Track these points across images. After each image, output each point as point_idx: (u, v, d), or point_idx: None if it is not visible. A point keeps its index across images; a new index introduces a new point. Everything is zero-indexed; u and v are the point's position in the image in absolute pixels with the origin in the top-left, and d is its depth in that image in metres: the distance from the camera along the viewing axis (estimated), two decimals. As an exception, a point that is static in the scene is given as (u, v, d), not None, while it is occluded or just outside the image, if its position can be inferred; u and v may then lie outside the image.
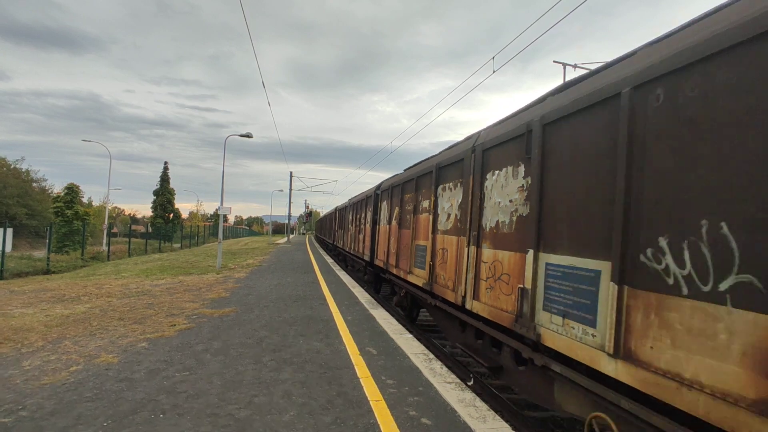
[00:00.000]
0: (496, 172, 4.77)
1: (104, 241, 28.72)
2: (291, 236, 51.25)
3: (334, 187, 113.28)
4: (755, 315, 2.02)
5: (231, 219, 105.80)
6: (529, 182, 4.02)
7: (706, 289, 2.27)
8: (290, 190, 42.01)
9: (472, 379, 5.57)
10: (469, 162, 5.41)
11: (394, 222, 9.48)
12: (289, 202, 43.55)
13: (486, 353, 5.12)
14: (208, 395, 3.81)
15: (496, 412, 3.67)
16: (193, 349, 5.23)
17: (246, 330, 6.23)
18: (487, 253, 4.80)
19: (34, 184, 45.92)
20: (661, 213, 2.58)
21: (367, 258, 12.80)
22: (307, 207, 65.37)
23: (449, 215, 6.10)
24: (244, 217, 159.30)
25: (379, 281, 12.64)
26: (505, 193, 4.51)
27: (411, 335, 6.16)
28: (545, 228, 3.74)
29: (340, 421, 3.34)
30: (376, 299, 9.75)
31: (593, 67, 10.89)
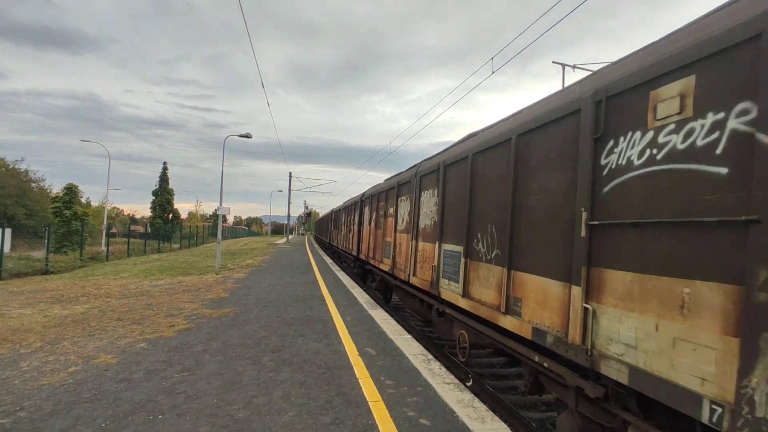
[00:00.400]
0: (426, 191, 7.31)
1: (103, 241, 29.03)
2: (290, 236, 51.40)
3: (334, 188, 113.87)
4: (500, 268, 4.58)
5: (230, 219, 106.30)
6: (438, 200, 6.55)
7: (489, 257, 4.86)
8: (289, 190, 42.41)
9: (471, 380, 5.59)
10: (414, 183, 7.96)
11: (372, 223, 12.04)
12: (288, 203, 43.96)
13: (423, 313, 7.85)
14: (207, 396, 3.84)
15: (495, 412, 3.72)
16: (192, 349, 5.26)
17: (245, 330, 6.27)
18: (420, 245, 7.34)
19: (33, 184, 46.61)
20: (478, 220, 5.18)
21: (354, 253, 15.73)
22: (306, 207, 65.44)
23: (404, 219, 8.62)
24: (244, 218, 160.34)
25: (365, 273, 15.27)
26: (429, 206, 7.06)
27: (410, 335, 6.20)
28: (443, 228, 6.31)
29: (338, 422, 3.37)
30: (371, 296, 9.90)
31: (594, 68, 10.96)
